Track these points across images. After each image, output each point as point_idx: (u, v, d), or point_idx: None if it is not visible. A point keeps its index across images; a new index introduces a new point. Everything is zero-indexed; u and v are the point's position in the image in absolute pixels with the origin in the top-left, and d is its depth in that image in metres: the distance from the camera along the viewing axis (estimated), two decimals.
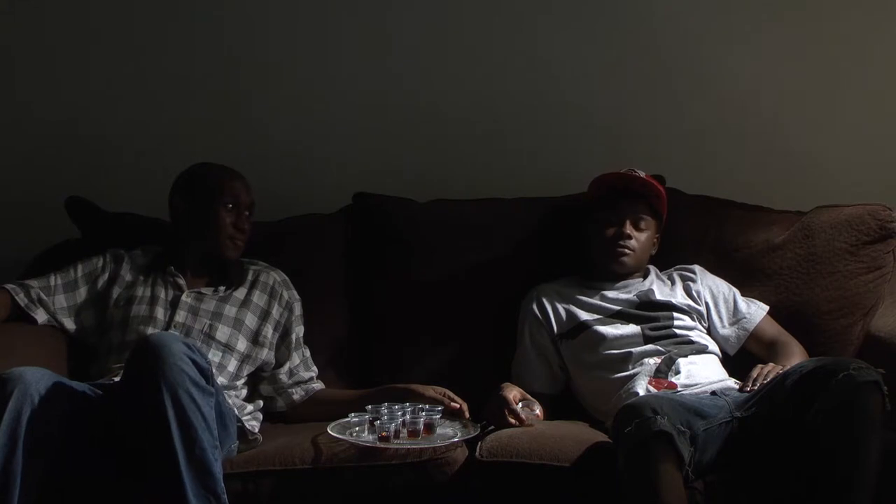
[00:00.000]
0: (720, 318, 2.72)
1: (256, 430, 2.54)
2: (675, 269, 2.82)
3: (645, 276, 2.79)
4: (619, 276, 2.74)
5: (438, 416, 2.41)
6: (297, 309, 2.76)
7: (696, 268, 2.81)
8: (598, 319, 2.68)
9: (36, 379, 2.19)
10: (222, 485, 2.18)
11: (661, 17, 3.21)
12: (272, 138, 3.26)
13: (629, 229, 2.71)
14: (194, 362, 2.17)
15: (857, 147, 3.19)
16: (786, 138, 3.21)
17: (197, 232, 2.68)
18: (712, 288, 2.75)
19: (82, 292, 2.68)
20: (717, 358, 2.64)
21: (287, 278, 2.77)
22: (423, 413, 2.39)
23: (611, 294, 2.73)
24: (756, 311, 2.71)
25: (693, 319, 2.68)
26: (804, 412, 2.16)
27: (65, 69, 3.26)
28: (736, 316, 2.71)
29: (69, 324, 2.66)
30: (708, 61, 3.20)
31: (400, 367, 2.81)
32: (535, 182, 3.05)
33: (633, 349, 2.59)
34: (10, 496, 2.12)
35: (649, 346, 2.59)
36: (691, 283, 2.76)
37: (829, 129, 3.20)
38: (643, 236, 2.74)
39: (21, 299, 2.62)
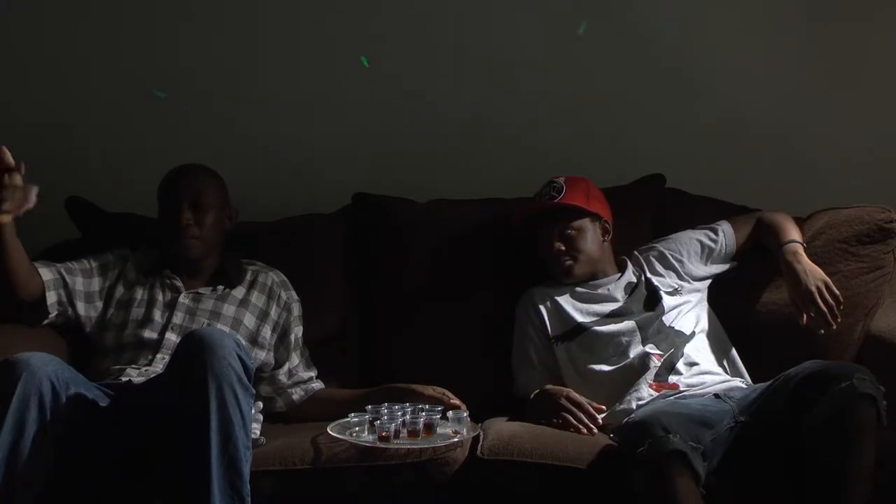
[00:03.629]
0: (698, 263, 2.75)
1: (258, 433, 2.53)
2: (639, 252, 2.81)
3: (622, 270, 2.77)
4: (584, 282, 2.74)
5: (438, 416, 2.41)
6: (296, 309, 2.75)
7: (658, 241, 2.82)
8: (594, 321, 2.67)
9: (43, 363, 2.20)
10: (248, 487, 2.18)
11: (662, 16, 3.22)
12: (272, 138, 3.26)
13: (559, 245, 2.70)
14: (241, 360, 2.18)
15: (857, 147, 3.19)
16: (786, 139, 3.22)
17: (162, 237, 2.67)
18: (674, 244, 2.78)
19: (96, 282, 2.68)
20: (706, 337, 2.64)
21: (286, 279, 2.77)
22: (423, 413, 2.39)
23: (601, 292, 2.73)
24: (722, 238, 2.75)
25: (680, 294, 2.69)
26: (802, 416, 2.16)
27: (65, 70, 3.26)
28: (710, 255, 2.76)
29: (81, 308, 2.64)
30: (709, 62, 3.21)
31: (399, 367, 2.81)
32: (535, 182, 3.04)
33: (630, 346, 2.59)
34: (18, 481, 2.13)
35: (648, 346, 2.58)
36: (656, 255, 2.77)
37: (829, 130, 3.20)
38: (581, 240, 2.71)
39: (50, 296, 2.59)
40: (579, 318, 2.68)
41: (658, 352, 2.57)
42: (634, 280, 2.73)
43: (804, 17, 3.19)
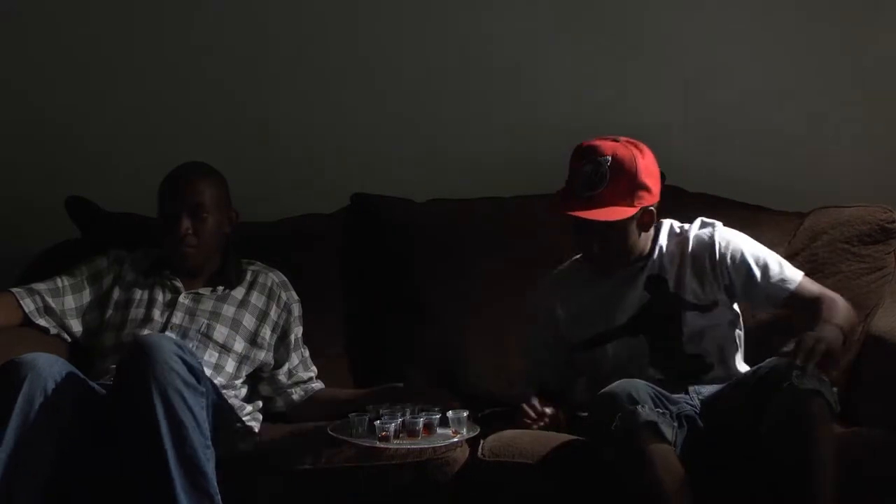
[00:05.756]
0: (747, 294, 2.48)
1: (256, 430, 2.54)
2: (694, 239, 2.49)
3: (651, 253, 2.49)
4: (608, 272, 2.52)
5: (438, 417, 2.40)
6: (296, 310, 2.74)
7: (717, 235, 2.48)
8: (603, 335, 2.49)
9: (49, 364, 2.22)
10: (215, 485, 2.19)
11: (661, 17, 3.21)
12: (271, 138, 3.26)
13: (595, 248, 2.44)
14: (185, 362, 2.18)
15: (857, 147, 3.19)
16: (786, 138, 3.21)
17: (162, 238, 2.67)
18: (735, 264, 2.46)
19: (88, 293, 2.68)
20: (727, 372, 2.45)
21: (286, 279, 2.76)
22: (423, 413, 2.39)
23: (620, 291, 2.49)
24: (785, 281, 2.44)
25: (711, 311, 2.45)
26: (758, 420, 2.15)
27: (65, 69, 3.26)
28: (766, 290, 2.46)
29: (76, 325, 2.66)
30: (708, 62, 3.20)
31: (399, 367, 2.81)
32: (534, 181, 3.04)
33: (638, 366, 2.43)
34: (21, 480, 2.15)
35: (655, 371, 2.43)
36: (709, 265, 2.47)
37: (829, 129, 3.20)
38: (619, 240, 2.44)
39: (27, 304, 2.62)
40: (591, 330, 2.50)
41: (661, 377, 2.41)
42: (657, 272, 2.47)
43: (805, 16, 3.18)
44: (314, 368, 2.75)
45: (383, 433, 2.34)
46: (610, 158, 2.41)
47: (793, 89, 3.20)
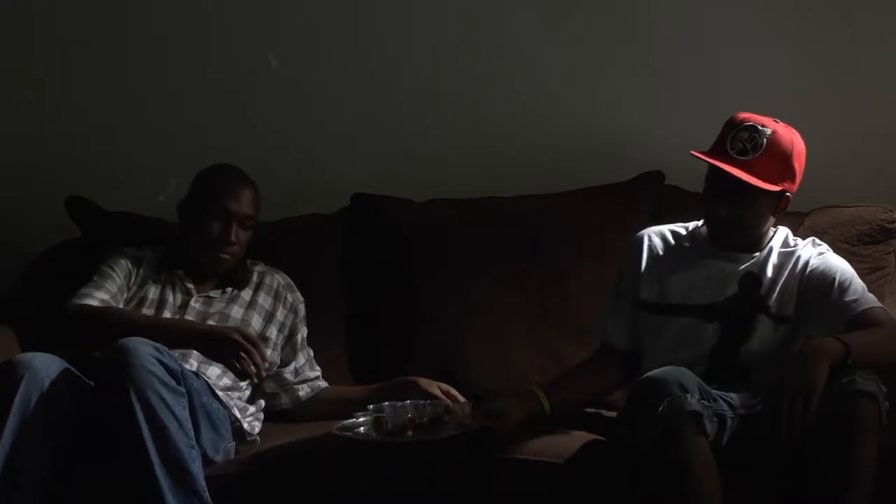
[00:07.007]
0: (819, 307, 2.39)
1: (256, 430, 2.54)
2: (799, 257, 2.44)
3: (760, 250, 2.46)
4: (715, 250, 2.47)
5: (442, 413, 2.39)
6: (302, 310, 2.75)
7: (815, 255, 2.44)
8: (685, 307, 2.44)
9: (46, 364, 2.22)
10: (203, 483, 2.19)
11: (662, 16, 3.22)
12: (271, 138, 3.26)
13: (722, 212, 2.40)
14: (162, 363, 2.18)
15: (857, 147, 3.19)
16: None
17: (188, 237, 2.67)
18: (819, 279, 2.40)
19: (125, 297, 2.66)
20: None
21: (290, 281, 2.77)
22: (427, 409, 2.38)
23: (715, 275, 2.45)
24: (857, 301, 2.34)
25: (788, 323, 2.40)
26: None
27: (66, 69, 3.26)
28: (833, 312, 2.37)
29: None
30: (708, 60, 3.21)
31: (399, 367, 2.80)
32: (535, 181, 3.05)
33: (698, 351, 2.41)
34: (19, 481, 2.15)
35: (708, 360, 2.40)
36: (797, 277, 2.42)
37: (829, 129, 3.19)
38: (750, 213, 2.41)
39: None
40: (673, 298, 2.45)
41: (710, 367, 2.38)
42: (756, 272, 2.43)
43: (805, 16, 3.18)
44: (318, 368, 2.76)
45: (387, 430, 2.34)
46: (770, 132, 2.42)
47: (793, 89, 3.20)
